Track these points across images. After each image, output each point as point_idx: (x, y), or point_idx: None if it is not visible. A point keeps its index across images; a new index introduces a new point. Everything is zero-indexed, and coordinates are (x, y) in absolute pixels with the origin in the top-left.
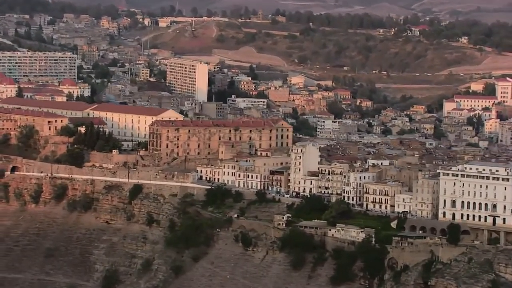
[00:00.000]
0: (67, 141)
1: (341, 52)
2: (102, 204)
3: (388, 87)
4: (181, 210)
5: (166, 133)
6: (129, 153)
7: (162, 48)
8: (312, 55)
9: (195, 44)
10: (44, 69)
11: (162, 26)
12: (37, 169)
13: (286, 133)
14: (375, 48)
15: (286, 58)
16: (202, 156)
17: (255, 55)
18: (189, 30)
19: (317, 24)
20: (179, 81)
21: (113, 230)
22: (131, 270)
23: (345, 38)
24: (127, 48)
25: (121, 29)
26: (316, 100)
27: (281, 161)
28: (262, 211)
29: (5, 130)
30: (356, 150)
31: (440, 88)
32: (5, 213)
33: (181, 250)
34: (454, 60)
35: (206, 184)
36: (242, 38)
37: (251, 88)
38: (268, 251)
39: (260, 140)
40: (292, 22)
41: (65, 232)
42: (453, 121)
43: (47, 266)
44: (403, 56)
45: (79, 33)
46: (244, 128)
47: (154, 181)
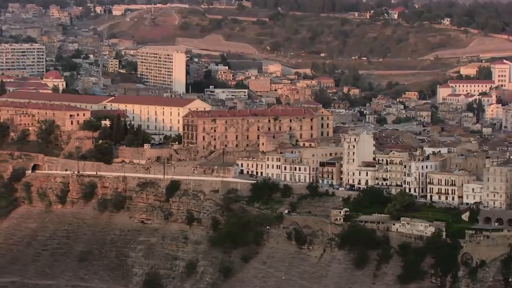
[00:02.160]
0: (92, 136)
1: (316, 37)
2: (136, 203)
3: (371, 73)
4: (224, 207)
5: (202, 124)
6: (162, 147)
7: (121, 38)
8: (284, 42)
9: (156, 32)
10: (12, 62)
11: (117, 15)
12: (60, 167)
13: (327, 122)
14: (352, 32)
15: (256, 45)
16: (241, 149)
17: (223, 43)
18: (149, 18)
19: (286, 9)
20: (152, 72)
21: (150, 231)
22: (173, 273)
23: (318, 23)
24: (85, 38)
25: (73, 19)
26: (300, 89)
27: (330, 151)
28: (315, 206)
29: (22, 125)
30: (410, 138)
31: (427, 73)
32: (29, 215)
33: (228, 250)
34: (438, 44)
35: (248, 179)
36: (207, 25)
37: (229, 78)
38: (325, 249)
39: (300, 129)
40: (258, 7)
41: (97, 234)
42: (450, 107)
43: (81, 271)
44: (382, 40)
45: (29, 23)
46: (284, 117)
47: (192, 177)
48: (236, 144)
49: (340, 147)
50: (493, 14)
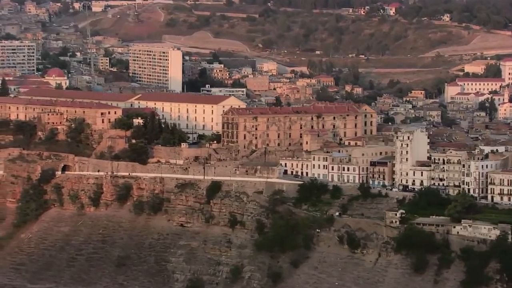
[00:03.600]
0: (124, 135)
1: (309, 34)
2: (174, 205)
3: (370, 72)
4: (269, 209)
5: (243, 122)
6: (200, 146)
7: (105, 35)
8: (277, 39)
9: (141, 30)
10: (1, 60)
11: (97, 11)
12: (92, 168)
13: (370, 119)
14: (347, 29)
15: (248, 42)
16: (283, 148)
17: (212, 40)
18: (132, 14)
19: (276, 5)
20: (146, 70)
21: (190, 234)
22: (217, 278)
23: (311, 19)
24: (68, 36)
25: (51, 15)
26: (301, 88)
27: (380, 150)
28: (368, 207)
29: (51, 124)
30: (463, 136)
31: (429, 71)
32: (61, 218)
33: (275, 255)
34: (439, 41)
35: (294, 179)
36: (195, 22)
37: (226, 77)
38: (380, 253)
39: (344, 127)
40: (247, 3)
41: (134, 238)
42: (460, 106)
43: (119, 276)
44: (380, 37)
45: (5, 20)
46: (327, 114)
47: (234, 177)
48: (278, 143)
49: (390, 145)
50: (493, 10)
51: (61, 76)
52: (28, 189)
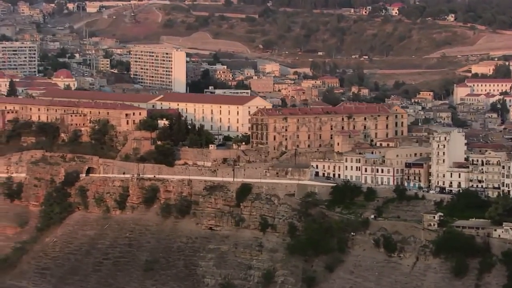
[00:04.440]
0: (150, 136)
1: (311, 35)
2: (203, 208)
3: (374, 73)
4: (302, 212)
5: (273, 123)
6: (228, 148)
7: (101, 36)
8: (278, 40)
9: (139, 30)
10: (3, 61)
11: (92, 12)
12: (117, 170)
13: (401, 120)
14: (349, 29)
15: (248, 43)
16: (314, 149)
17: (211, 41)
18: (129, 15)
19: (276, 5)
20: (148, 71)
21: (220, 238)
22: (248, 283)
23: (312, 20)
24: (65, 37)
25: (46, 16)
26: (306, 89)
27: (415, 152)
28: (404, 210)
29: (74, 125)
30: (499, 137)
31: (434, 72)
32: (86, 221)
33: (309, 259)
34: (444, 41)
35: (326, 181)
36: (193, 23)
37: (229, 78)
38: (418, 256)
39: (375, 128)
40: (245, 4)
41: (162, 242)
42: (470, 108)
43: (147, 281)
44: (383, 38)
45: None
46: (358, 115)
47: (264, 180)
48: (308, 144)
49: (424, 146)
50: (498, 10)
51: (69, 77)
52: (51, 192)
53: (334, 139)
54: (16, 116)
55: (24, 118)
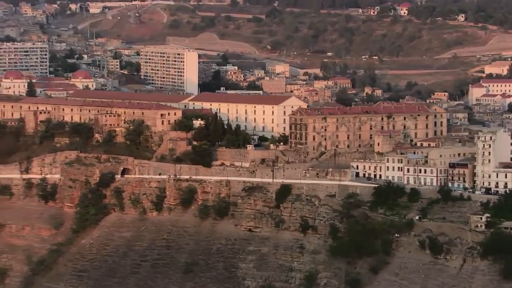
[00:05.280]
0: (186, 136)
1: (319, 35)
2: (242, 209)
3: (385, 73)
4: (343, 213)
5: (312, 123)
6: (266, 148)
7: (106, 37)
8: (285, 40)
9: (144, 31)
10: (14, 62)
11: (95, 13)
12: (153, 171)
13: (440, 120)
14: (358, 30)
15: (255, 44)
16: (353, 149)
17: (218, 41)
18: (133, 16)
19: (282, 5)
20: (159, 72)
21: (259, 239)
22: (290, 285)
23: (319, 20)
24: (70, 38)
25: (49, 17)
26: (319, 90)
27: (459, 152)
28: (449, 211)
29: (108, 126)
30: None
31: (446, 72)
32: (122, 223)
33: (352, 260)
34: (454, 41)
35: (367, 182)
36: (199, 23)
37: (240, 79)
38: (465, 258)
39: (415, 128)
40: (251, 4)
41: (201, 243)
42: (487, 108)
43: (187, 283)
44: (393, 38)
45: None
46: (398, 115)
47: (304, 180)
48: (348, 144)
49: (468, 146)
50: (507, 10)
51: (87, 78)
52: (86, 193)
53: (374, 139)
54: (49, 117)
55: (57, 118)
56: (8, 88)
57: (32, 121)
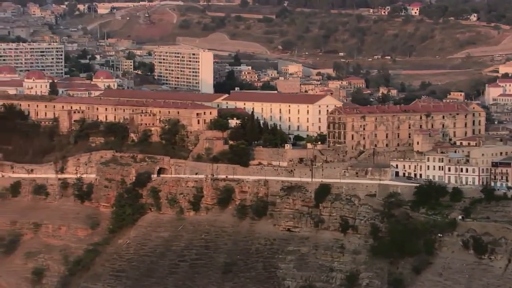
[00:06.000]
0: (222, 136)
1: (330, 36)
2: (280, 209)
3: (398, 73)
4: (384, 213)
5: (351, 122)
6: (304, 147)
7: (115, 37)
8: (297, 40)
9: (154, 32)
10: (30, 63)
11: (103, 13)
12: (189, 170)
13: (479, 119)
14: (369, 30)
15: (266, 44)
16: (392, 148)
17: (229, 42)
18: (143, 16)
19: (292, 5)
20: (173, 72)
21: (299, 239)
22: (330, 285)
23: (330, 20)
24: (81, 38)
25: (57, 18)
26: (334, 90)
27: (501, 151)
28: (493, 211)
29: (143, 125)
30: None
31: (460, 72)
32: (159, 223)
33: (394, 261)
34: (467, 41)
35: (407, 181)
36: (210, 24)
37: (254, 79)
38: (510, 258)
39: (454, 127)
40: (260, 4)
41: (239, 243)
42: (504, 108)
43: (226, 283)
44: (405, 38)
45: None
46: (437, 113)
47: (344, 180)
48: (386, 143)
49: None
50: None
51: (109, 78)
52: (122, 193)
53: (413, 138)
54: (83, 116)
55: (91, 118)
56: (30, 88)
57: (66, 120)
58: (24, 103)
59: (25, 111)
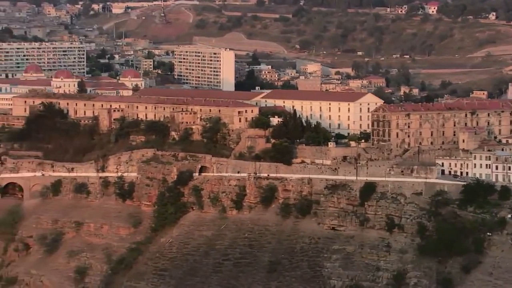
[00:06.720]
0: (264, 134)
1: (348, 35)
2: (325, 208)
3: (418, 72)
4: (431, 212)
5: (396, 119)
6: (347, 145)
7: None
8: (314, 40)
9: (170, 31)
10: (53, 62)
11: (118, 13)
12: (231, 169)
13: None
14: (387, 29)
15: (284, 43)
16: (437, 146)
17: (245, 41)
18: (158, 16)
19: (309, 4)
20: (194, 72)
21: (344, 238)
22: (377, 285)
23: (348, 19)
24: (97, 38)
25: (72, 17)
26: (356, 89)
27: None
28: None
29: (184, 124)
30: None
31: (480, 71)
32: (202, 221)
33: (443, 260)
34: (487, 40)
35: (454, 179)
36: (226, 23)
37: (275, 78)
38: None
39: (499, 125)
40: (276, 4)
41: (284, 242)
42: None
43: (272, 283)
44: (423, 37)
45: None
46: (482, 111)
47: (389, 178)
48: (431, 141)
49: None
50: None
51: (136, 77)
52: (164, 191)
53: (459, 136)
54: (123, 115)
55: (131, 116)
56: (58, 88)
57: (106, 119)
58: (63, 102)
59: (64, 109)
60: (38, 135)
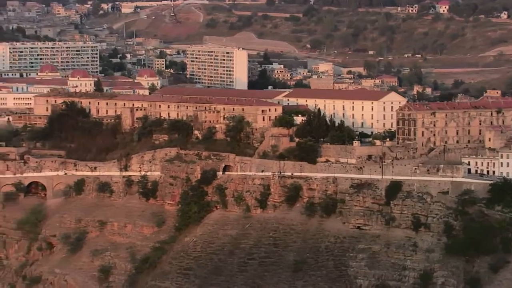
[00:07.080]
0: (288, 133)
1: (359, 34)
2: (350, 207)
3: (430, 71)
4: (458, 211)
5: (421, 118)
6: (372, 144)
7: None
8: (325, 39)
9: (180, 31)
10: (66, 61)
11: (127, 12)
12: (255, 168)
13: None
14: (398, 28)
15: (294, 43)
16: (462, 145)
17: (256, 41)
18: (168, 15)
19: (319, 4)
20: (206, 71)
21: (370, 237)
22: (404, 284)
23: (358, 18)
24: (108, 37)
25: (82, 17)
26: (369, 89)
27: None
28: None
29: (208, 123)
30: None
31: (493, 71)
32: (226, 220)
33: (470, 259)
34: (499, 39)
35: (480, 178)
36: (236, 23)
37: (287, 78)
38: None
39: None
40: (286, 3)
41: (309, 241)
42: None
43: (297, 282)
44: (435, 36)
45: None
46: (508, 109)
47: (415, 177)
48: (457, 140)
49: None
50: None
51: (152, 76)
52: (187, 190)
53: (485, 135)
54: (145, 114)
55: (153, 115)
56: (75, 87)
57: (128, 118)
58: (85, 101)
59: (86, 108)
60: (61, 134)
